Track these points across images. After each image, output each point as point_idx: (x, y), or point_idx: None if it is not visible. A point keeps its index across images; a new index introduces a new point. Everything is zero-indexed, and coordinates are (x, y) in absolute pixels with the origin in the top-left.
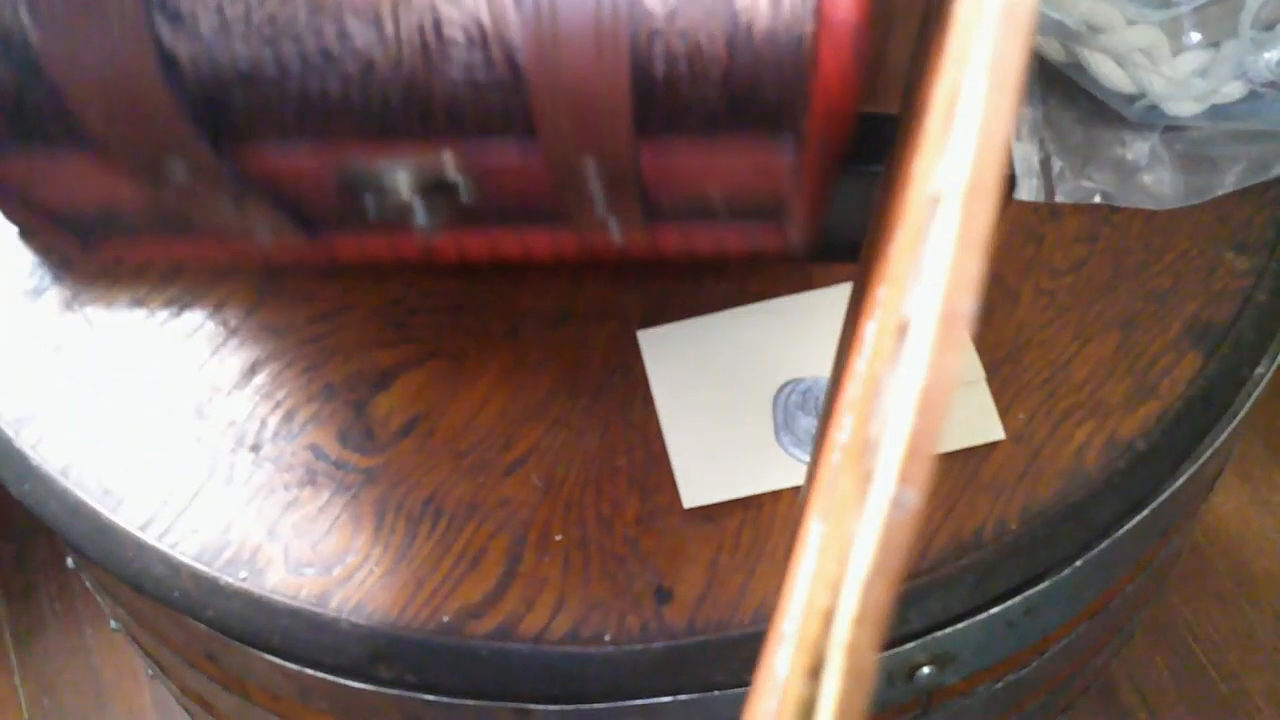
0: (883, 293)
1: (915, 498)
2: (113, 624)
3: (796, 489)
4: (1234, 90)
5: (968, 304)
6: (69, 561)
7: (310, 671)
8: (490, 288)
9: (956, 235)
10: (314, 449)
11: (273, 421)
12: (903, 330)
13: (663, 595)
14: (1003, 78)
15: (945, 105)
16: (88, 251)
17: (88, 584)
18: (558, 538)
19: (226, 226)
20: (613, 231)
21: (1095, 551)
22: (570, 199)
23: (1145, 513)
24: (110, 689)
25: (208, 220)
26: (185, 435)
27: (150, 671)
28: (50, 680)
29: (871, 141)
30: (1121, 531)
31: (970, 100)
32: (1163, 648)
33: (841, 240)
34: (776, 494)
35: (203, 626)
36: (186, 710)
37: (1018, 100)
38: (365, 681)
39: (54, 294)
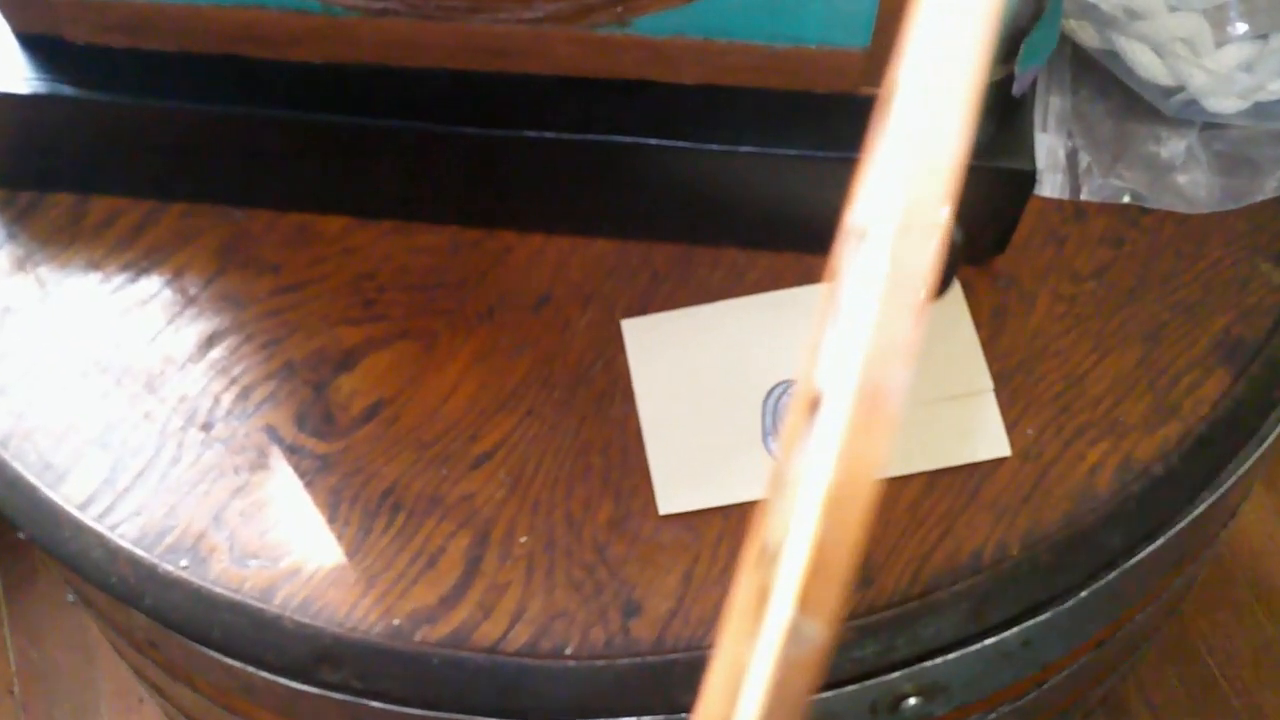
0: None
1: (819, 630)
2: (70, 596)
3: None
4: (1275, 86)
5: (896, 374)
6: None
7: (252, 670)
8: (470, 264)
9: (885, 282)
10: (269, 431)
11: (226, 399)
12: (814, 405)
13: (631, 608)
14: (960, 59)
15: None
16: None
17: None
18: (522, 539)
19: None
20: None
21: (1102, 582)
22: None
23: (1159, 543)
24: (99, 643)
25: None
26: (134, 410)
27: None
28: (39, 633)
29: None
30: (1132, 562)
31: (915, 90)
32: (1175, 659)
33: None
34: (761, 504)
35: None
36: (146, 690)
37: (979, 91)
38: (308, 683)
39: (6, 253)
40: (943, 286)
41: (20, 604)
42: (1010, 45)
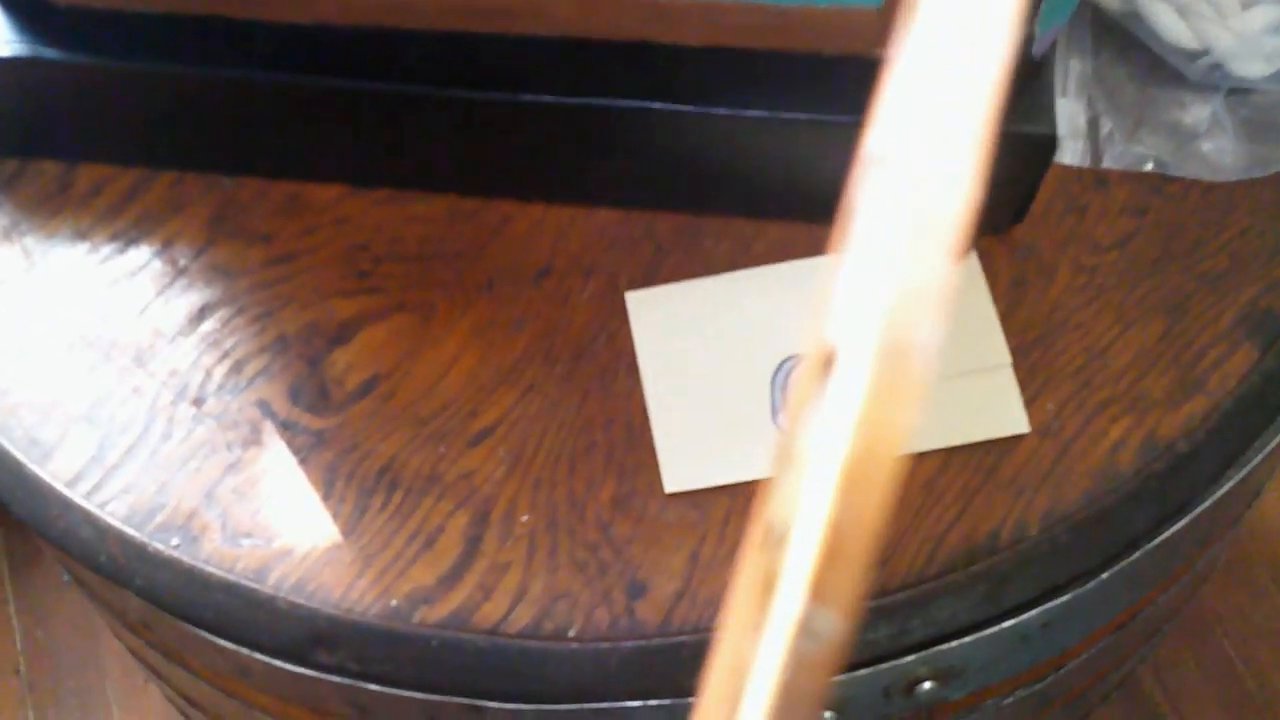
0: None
1: (834, 622)
2: (65, 578)
3: None
4: None
5: (925, 328)
6: None
7: (247, 652)
8: (467, 234)
9: (911, 216)
10: (262, 406)
11: (218, 373)
12: (826, 366)
13: (636, 589)
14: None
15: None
16: None
17: None
18: (524, 518)
19: None
20: None
21: (1124, 563)
22: None
23: (1183, 522)
24: (103, 624)
25: None
26: (123, 384)
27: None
28: (45, 613)
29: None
30: (1155, 542)
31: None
32: (1191, 642)
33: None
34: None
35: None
36: (143, 672)
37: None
38: (304, 666)
39: None
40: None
41: (25, 584)
42: (1030, 2)
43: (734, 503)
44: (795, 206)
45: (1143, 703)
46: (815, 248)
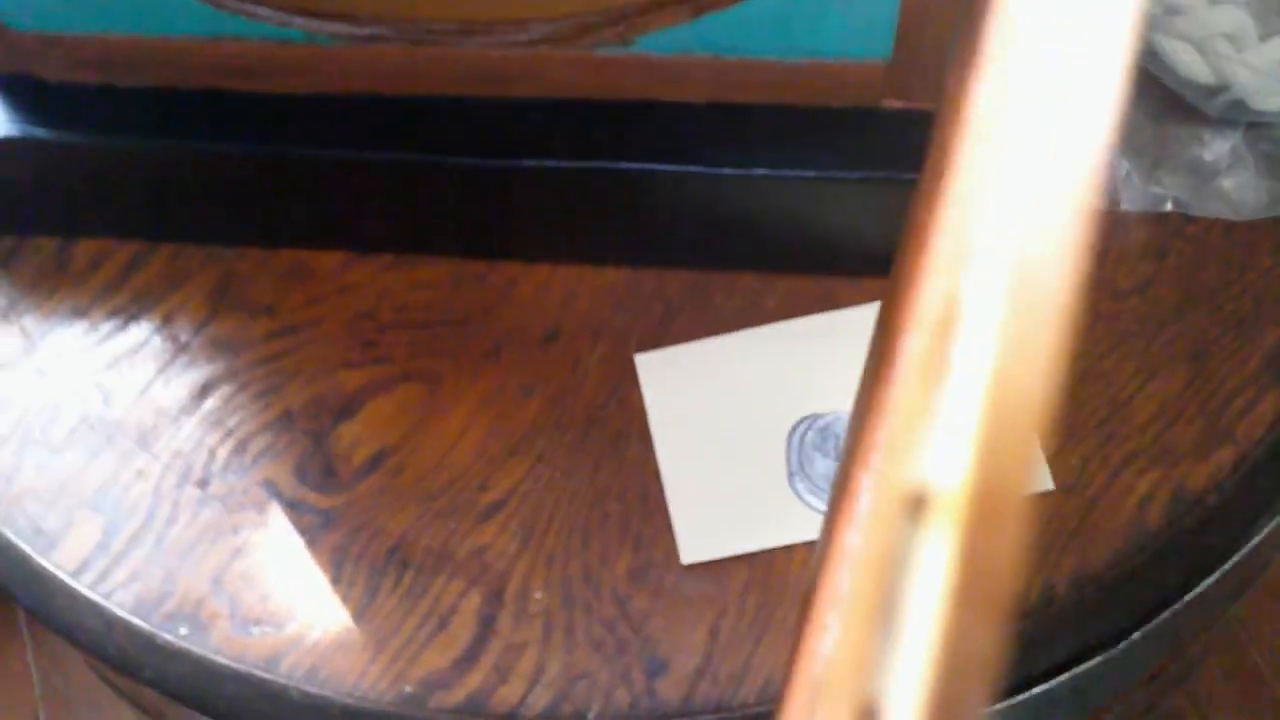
0: (880, 441)
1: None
2: None
3: (812, 545)
4: None
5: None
6: None
7: None
8: (473, 299)
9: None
10: (267, 486)
11: (223, 453)
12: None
13: (656, 667)
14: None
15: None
16: None
17: None
18: (537, 595)
19: None
20: None
21: (1156, 622)
22: None
23: (1215, 576)
24: None
25: None
26: (127, 467)
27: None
28: (63, 658)
29: (903, 143)
30: (1188, 597)
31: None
32: (1219, 653)
33: (872, 251)
34: (789, 549)
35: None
36: None
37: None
38: None
39: None
40: None
41: (43, 627)
42: None
43: (753, 573)
44: (806, 260)
45: (1167, 708)
46: (827, 301)
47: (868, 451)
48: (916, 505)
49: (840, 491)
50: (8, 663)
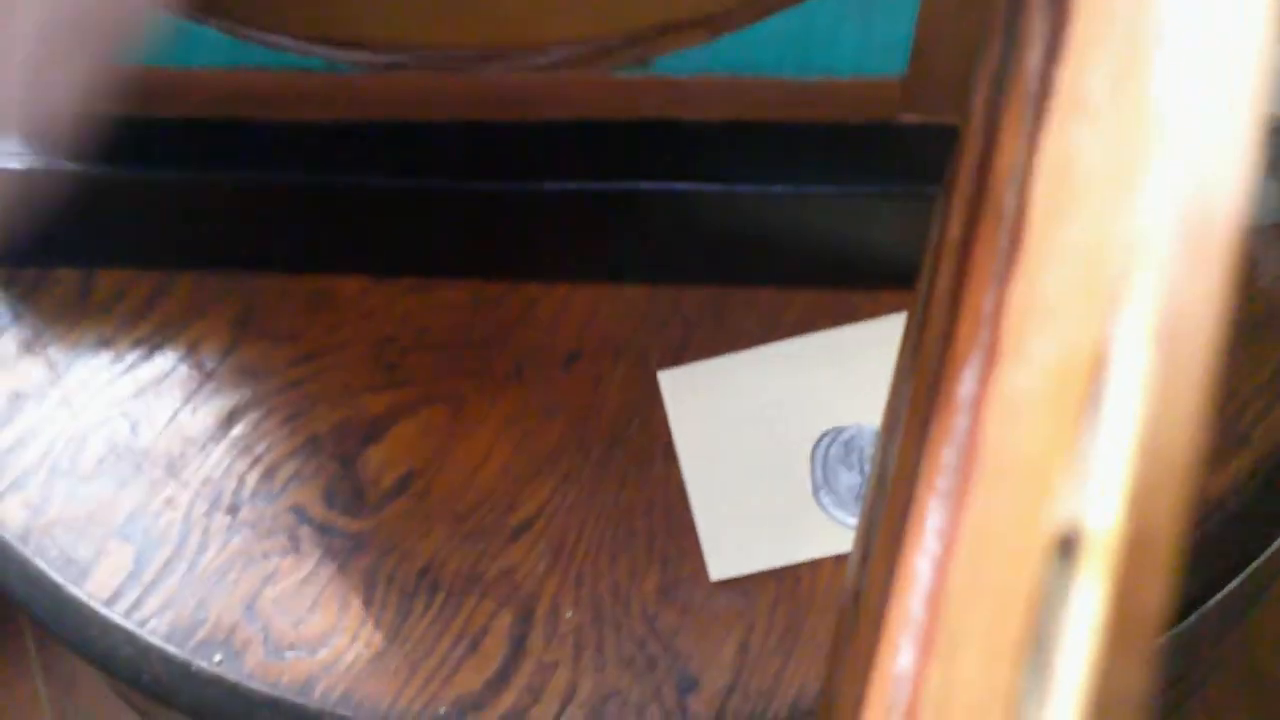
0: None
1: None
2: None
3: (839, 558)
4: None
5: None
6: None
7: None
8: (494, 320)
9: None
10: (297, 511)
11: (251, 479)
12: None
13: (687, 683)
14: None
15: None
16: None
17: None
18: (568, 614)
19: None
20: None
21: (1176, 630)
22: None
23: (1237, 581)
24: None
25: None
26: (156, 496)
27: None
28: (73, 683)
29: (924, 157)
30: (1209, 604)
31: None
32: (1221, 650)
33: (890, 264)
34: (815, 564)
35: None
36: None
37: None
38: None
39: (13, 334)
40: None
41: (52, 653)
42: None
43: (781, 587)
44: (824, 274)
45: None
46: (845, 315)
47: (933, 475)
48: (1067, 546)
49: (906, 518)
50: (17, 689)
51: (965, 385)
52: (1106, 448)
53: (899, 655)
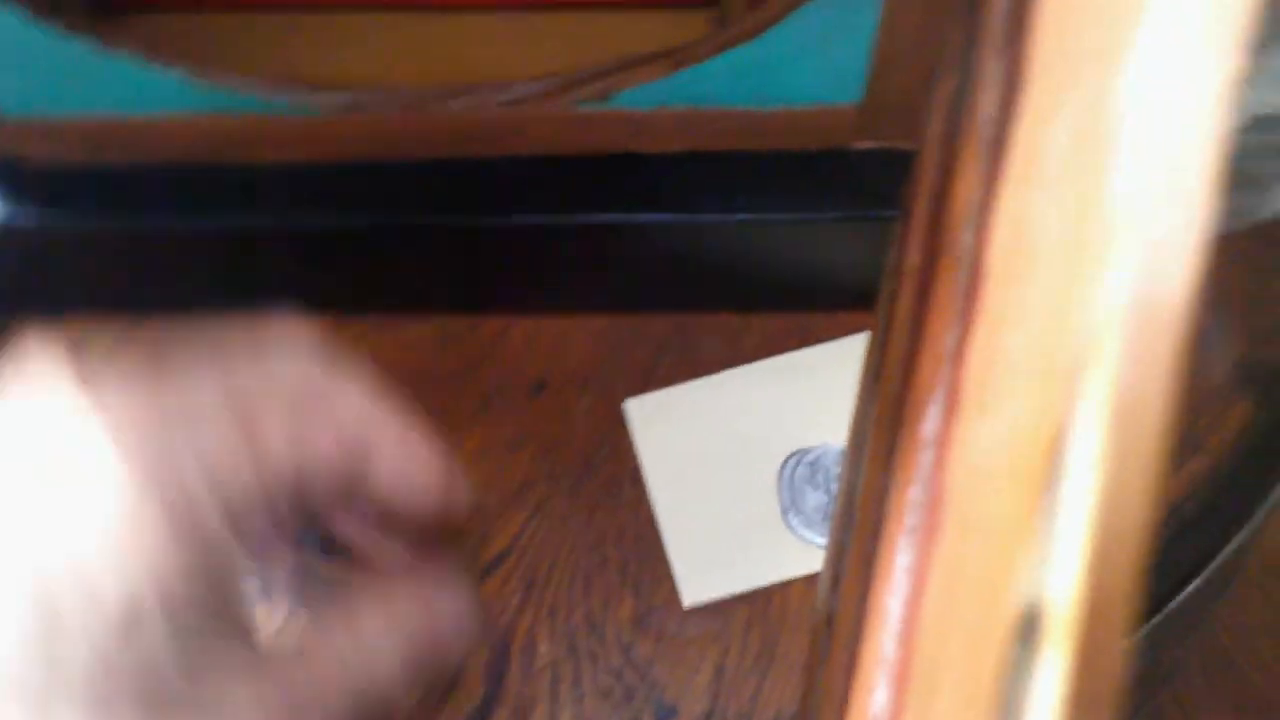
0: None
1: None
2: None
3: (809, 578)
4: (1277, 100)
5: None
6: None
7: None
8: (460, 356)
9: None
10: None
11: None
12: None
13: (665, 712)
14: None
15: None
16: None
17: None
18: (543, 649)
19: None
20: None
21: (1142, 631)
22: None
23: (1197, 582)
24: None
25: None
26: None
27: None
28: None
29: (880, 181)
30: (1172, 606)
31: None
32: (1187, 641)
33: (849, 287)
34: (786, 584)
35: None
36: None
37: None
38: None
39: None
40: None
41: None
42: None
43: (754, 609)
44: (784, 297)
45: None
46: (805, 337)
47: (901, 512)
48: (1029, 618)
49: (875, 552)
50: None
51: (929, 424)
52: (1065, 523)
53: (874, 694)
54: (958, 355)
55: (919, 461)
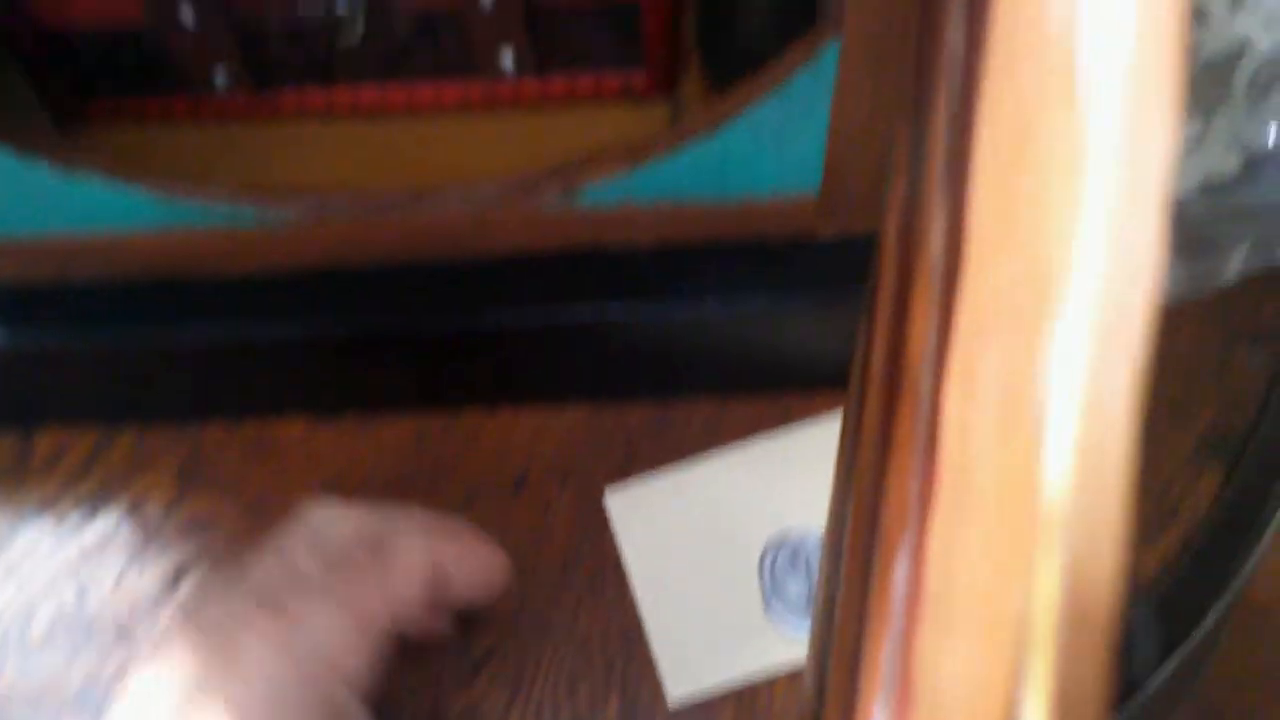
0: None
1: None
2: None
3: (794, 674)
4: (1231, 164)
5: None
6: None
7: None
8: (439, 454)
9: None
10: None
11: None
12: None
13: None
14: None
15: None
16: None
17: None
18: None
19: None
20: (508, 72)
21: (1129, 708)
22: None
23: (1179, 655)
24: None
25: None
26: (108, 663)
27: None
28: None
29: (845, 265)
30: (1159, 679)
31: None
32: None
33: (824, 366)
34: (772, 681)
35: None
36: None
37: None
38: None
39: None
40: None
41: None
42: None
43: (740, 704)
44: (759, 380)
45: None
46: (783, 418)
47: (879, 646)
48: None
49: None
50: None
51: (898, 575)
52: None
53: None
54: (920, 513)
55: (891, 614)
